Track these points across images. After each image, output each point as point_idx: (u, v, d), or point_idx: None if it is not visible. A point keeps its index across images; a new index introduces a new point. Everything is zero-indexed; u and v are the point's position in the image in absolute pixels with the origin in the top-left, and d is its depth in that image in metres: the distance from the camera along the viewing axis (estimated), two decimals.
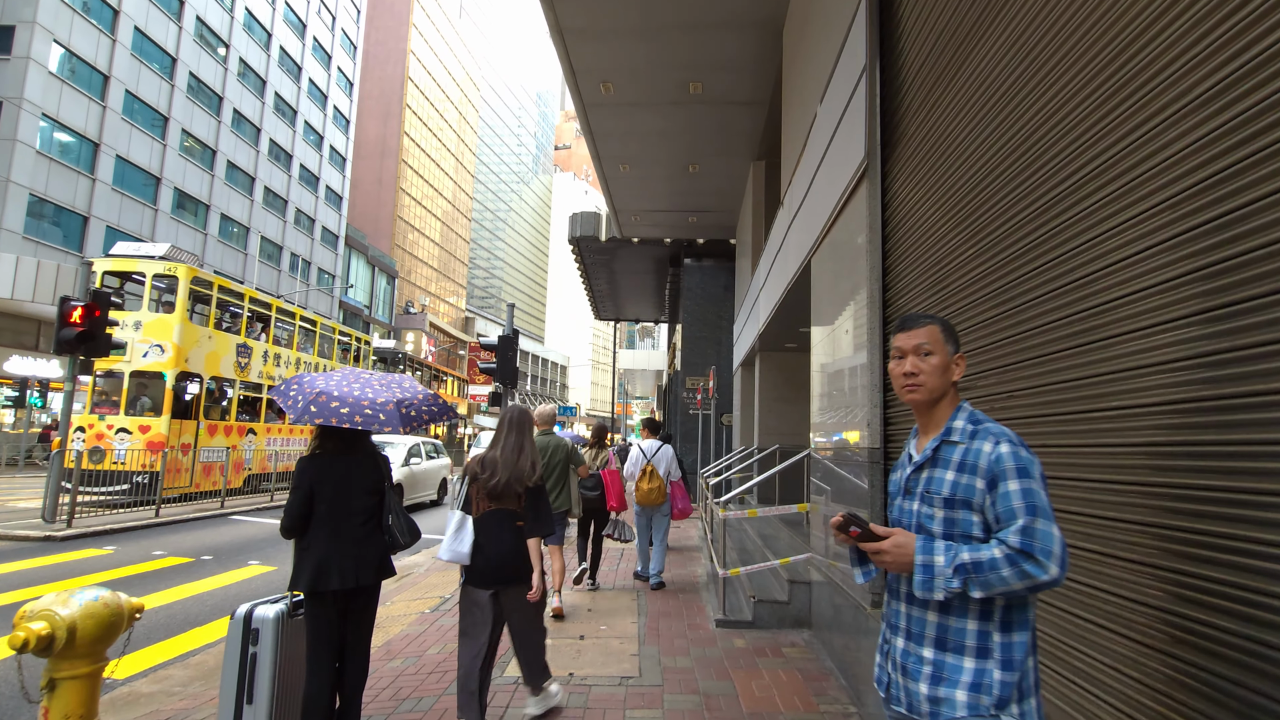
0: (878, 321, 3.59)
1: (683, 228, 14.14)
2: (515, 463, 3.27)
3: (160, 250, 13.13)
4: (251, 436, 15.35)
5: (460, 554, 3.22)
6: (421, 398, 3.36)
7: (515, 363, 10.03)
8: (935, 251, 3.15)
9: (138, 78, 28.39)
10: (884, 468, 3.49)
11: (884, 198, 3.68)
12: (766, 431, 10.07)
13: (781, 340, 9.40)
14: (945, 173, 3.04)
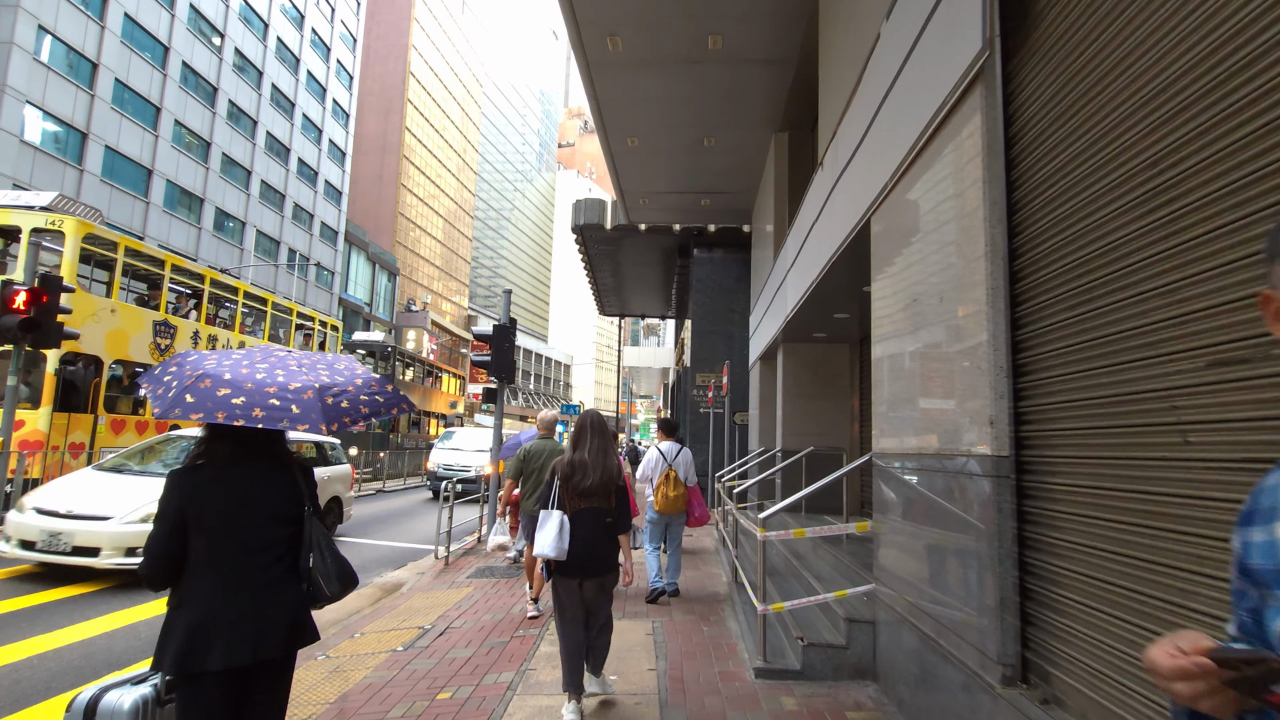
0: (1001, 279, 2.57)
1: (694, 212, 13.12)
2: (604, 464, 3.56)
3: (44, 199, 10.55)
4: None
5: (563, 550, 3.39)
6: (360, 383, 2.36)
7: (512, 355, 9.04)
8: (1101, 178, 2.14)
9: (128, 66, 27.50)
10: (1015, 485, 2.47)
11: (1006, 108, 2.65)
12: (791, 431, 9.06)
13: (810, 329, 8.38)
14: (1125, 53, 2.02)
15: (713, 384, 15.27)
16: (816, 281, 6.32)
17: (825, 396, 9.06)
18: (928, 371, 3.17)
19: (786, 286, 8.05)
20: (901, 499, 3.61)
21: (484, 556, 8.44)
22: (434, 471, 16.09)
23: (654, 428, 51.86)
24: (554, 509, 3.51)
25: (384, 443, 22.03)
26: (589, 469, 3.55)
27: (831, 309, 7.18)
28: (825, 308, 7.16)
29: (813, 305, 7.07)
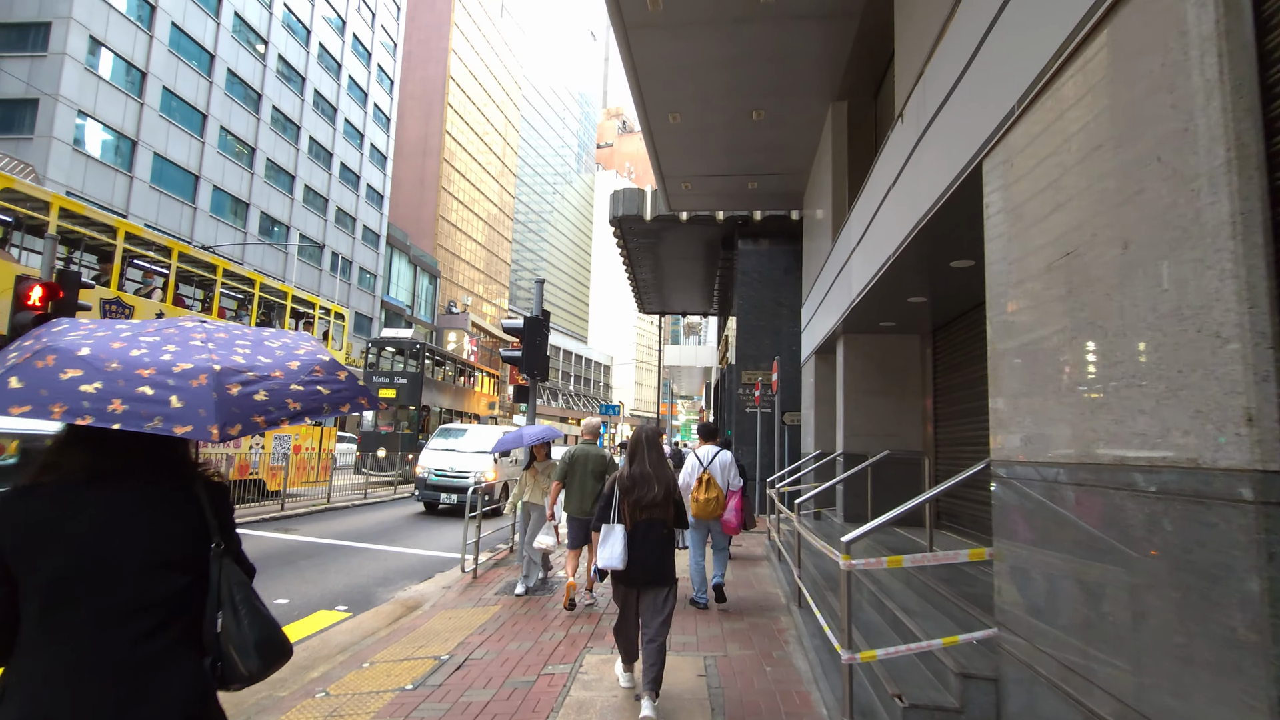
0: (1258, 200, 1.67)
1: (740, 197, 12.21)
2: (666, 476, 3.72)
3: None
4: None
5: (625, 560, 3.56)
6: (295, 368, 1.61)
7: (545, 350, 8.33)
8: None
9: (175, 74, 28.03)
10: None
11: None
12: (853, 432, 8.10)
13: (876, 318, 7.43)
14: None
15: (760, 382, 14.34)
16: (891, 259, 5.40)
17: (892, 393, 8.08)
18: (1106, 349, 2.27)
19: (850, 270, 7.12)
20: (1046, 523, 2.71)
21: (515, 569, 7.75)
22: (422, 479, 13.20)
23: (695, 429, 50.84)
24: (615, 523, 3.66)
25: (413, 444, 21.31)
26: (651, 482, 3.71)
27: (906, 291, 6.23)
28: (899, 291, 6.21)
29: (883, 289, 6.13)
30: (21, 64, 23.21)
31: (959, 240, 4.70)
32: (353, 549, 9.32)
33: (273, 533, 10.28)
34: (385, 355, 22.97)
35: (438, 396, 23.24)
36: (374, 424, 22.39)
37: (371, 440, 21.44)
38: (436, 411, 23.13)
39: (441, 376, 25.19)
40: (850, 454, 8.05)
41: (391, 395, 21.40)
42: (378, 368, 22.48)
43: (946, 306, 6.73)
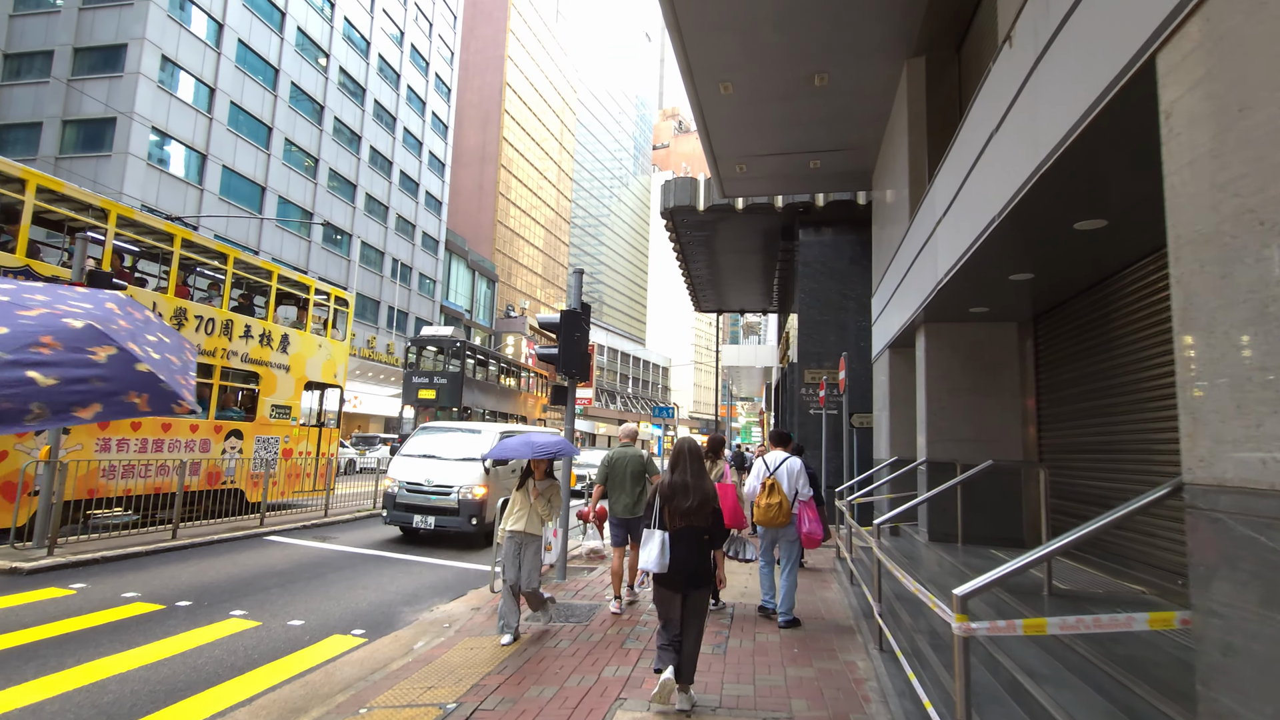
0: None
1: (800, 179, 11.14)
2: (704, 487, 3.95)
3: None
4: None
5: (664, 565, 3.81)
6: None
7: (585, 346, 7.57)
8: None
9: (242, 89, 28.97)
10: None
11: None
12: (938, 436, 6.98)
13: (966, 302, 6.32)
14: None
15: (825, 381, 13.21)
16: (991, 226, 4.35)
17: (984, 391, 6.92)
18: None
19: (934, 247, 6.04)
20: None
21: (553, 587, 7.00)
22: (392, 494, 9.86)
23: (755, 431, 49.27)
24: (656, 528, 3.89)
25: None
26: (690, 491, 3.92)
27: (1008, 266, 5.13)
28: (998, 267, 5.12)
29: (977, 266, 5.06)
30: (100, 85, 24.37)
31: (1093, 189, 3.63)
32: (389, 560, 8.81)
33: (309, 540, 9.92)
34: (426, 354, 22.28)
35: (481, 398, 22.41)
36: (413, 427, 21.91)
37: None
38: (479, 414, 22.42)
39: (485, 377, 24.19)
40: (936, 462, 6.93)
41: (431, 396, 20.51)
42: (418, 367, 21.80)
43: (1057, 285, 5.58)
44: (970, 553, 6.23)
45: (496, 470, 9.88)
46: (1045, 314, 6.51)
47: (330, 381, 14.28)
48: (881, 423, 9.54)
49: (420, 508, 9.64)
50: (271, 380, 12.41)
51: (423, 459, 10.24)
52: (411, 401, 20.92)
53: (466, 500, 9.52)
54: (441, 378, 21.10)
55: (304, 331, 13.62)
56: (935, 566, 5.95)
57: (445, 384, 20.83)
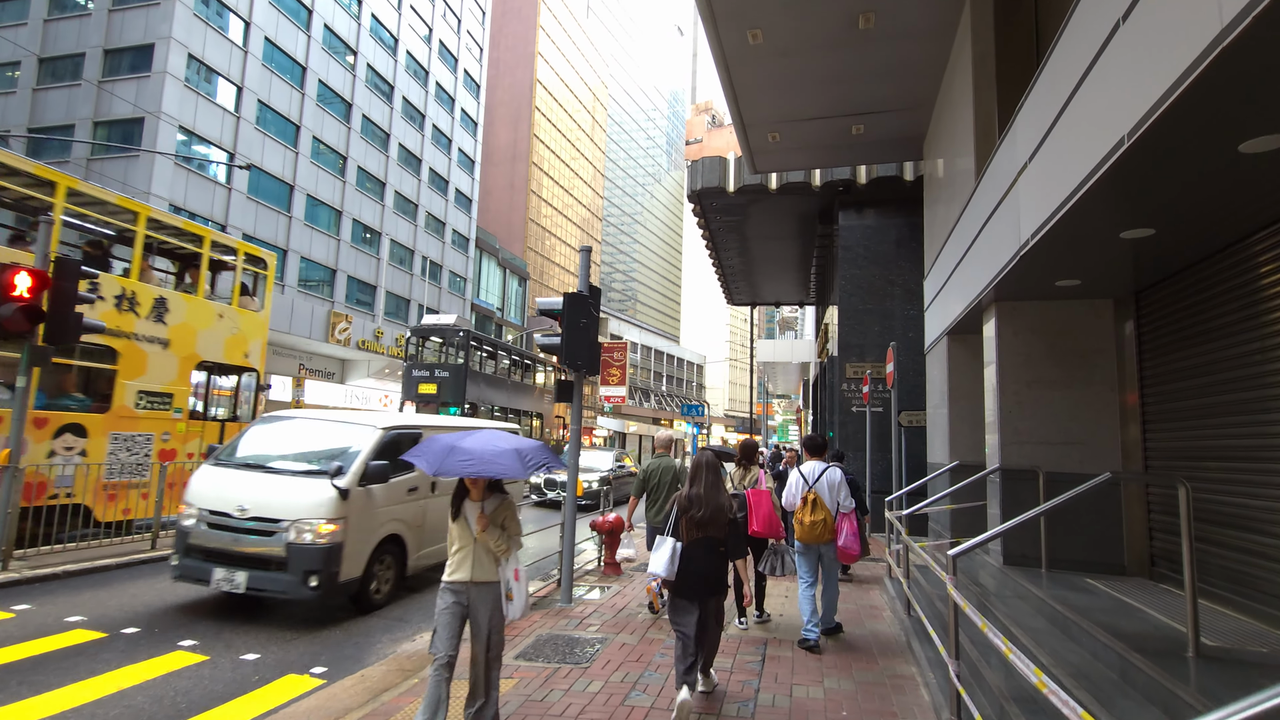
0: None
1: (841, 149, 9.96)
2: (717, 499, 4.02)
3: None
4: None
5: (672, 571, 3.89)
6: None
7: (594, 334, 6.59)
8: None
9: (269, 87, 28.87)
10: None
11: None
12: (1015, 437, 5.79)
13: (1054, 274, 5.13)
14: None
15: (869, 376, 12.01)
16: (1110, 162, 3.21)
17: (1072, 383, 5.70)
18: None
19: (1016, 203, 4.87)
20: None
21: (557, 614, 6.05)
22: (184, 530, 5.97)
23: (792, 430, 47.74)
24: (669, 536, 4.00)
25: None
26: (704, 503, 4.02)
27: (1122, 220, 3.95)
28: (1109, 220, 3.95)
29: (1080, 221, 3.91)
30: (129, 85, 24.41)
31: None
32: None
33: None
34: (428, 346, 20.56)
35: (489, 393, 20.71)
36: None
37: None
38: (486, 411, 20.73)
39: (495, 370, 22.21)
40: (1013, 469, 5.74)
41: (431, 391, 18.70)
42: (419, 359, 20.02)
43: (1180, 244, 4.36)
44: (1062, 583, 5.04)
45: (369, 492, 6.10)
46: (1151, 288, 5.27)
47: (238, 363, 10.99)
48: (938, 422, 8.33)
49: (224, 554, 5.73)
50: (137, 358, 9.14)
51: (245, 471, 6.17)
52: (411, 397, 19.19)
53: (301, 545, 5.58)
54: (443, 370, 19.27)
55: (194, 296, 10.32)
56: (1021, 604, 4.79)
57: (447, 377, 19.00)
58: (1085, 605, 4.30)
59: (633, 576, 7.93)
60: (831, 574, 5.48)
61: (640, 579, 7.83)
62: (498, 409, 21.45)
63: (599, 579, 7.69)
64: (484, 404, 20.32)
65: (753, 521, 5.30)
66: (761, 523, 5.32)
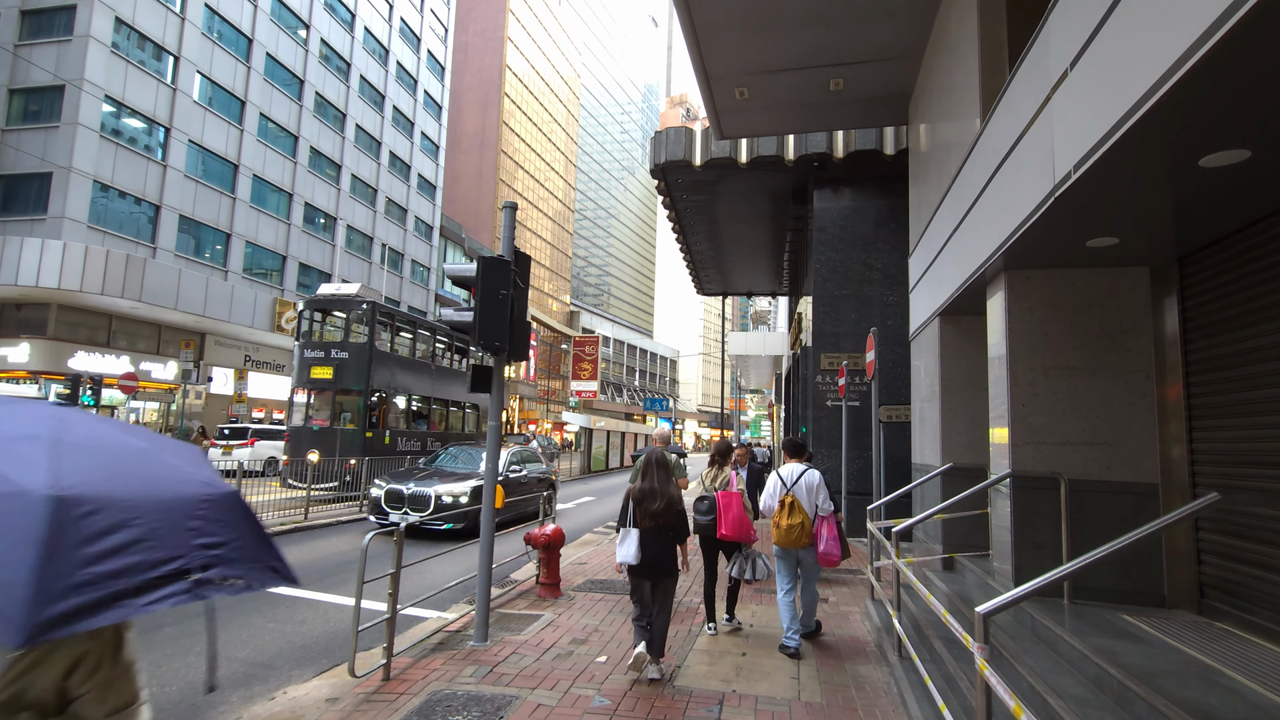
0: None
1: (817, 108, 8.83)
2: (668, 492, 4.56)
3: None
4: None
5: (638, 557, 4.42)
6: None
7: (523, 311, 5.37)
8: None
9: (210, 59, 26.90)
10: None
11: None
12: (1030, 437, 4.72)
13: (1085, 232, 4.06)
14: None
15: (845, 367, 10.96)
16: (1216, 37, 2.10)
17: (1102, 371, 4.64)
18: None
19: (1049, 128, 3.77)
20: None
21: (466, 657, 4.83)
22: None
23: (764, 425, 47.02)
24: (631, 527, 4.50)
25: (358, 445, 14.81)
26: (655, 495, 4.53)
27: (1211, 134, 2.85)
28: (1189, 139, 2.85)
29: (1145, 141, 2.81)
30: (48, 51, 22.37)
31: None
32: (268, 596, 6.68)
33: None
34: (331, 321, 16.94)
35: (403, 378, 17.26)
36: (305, 417, 15.75)
37: (302, 439, 15.03)
38: (401, 401, 17.45)
39: (413, 352, 18.61)
40: (1027, 475, 4.67)
41: (327, 376, 15.38)
42: (313, 338, 16.28)
43: (1260, 191, 3.29)
44: (1095, 622, 3.97)
45: None
46: (1200, 253, 4.23)
47: None
48: (926, 418, 7.27)
49: None
50: None
51: None
52: (302, 383, 15.65)
53: None
54: (342, 351, 15.64)
55: None
56: (1049, 656, 3.70)
57: (347, 359, 15.49)
58: (1142, 664, 3.22)
59: (573, 598, 6.75)
60: (810, 578, 5.35)
61: (583, 600, 6.66)
62: (418, 399, 18.45)
63: (532, 603, 6.49)
64: (398, 392, 17.11)
65: (721, 524, 5.26)
66: (730, 526, 5.23)
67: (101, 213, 22.71)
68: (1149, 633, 3.73)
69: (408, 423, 17.67)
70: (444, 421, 19.86)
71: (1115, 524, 4.50)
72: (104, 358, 22.65)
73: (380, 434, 15.71)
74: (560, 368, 67.81)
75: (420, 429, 18.15)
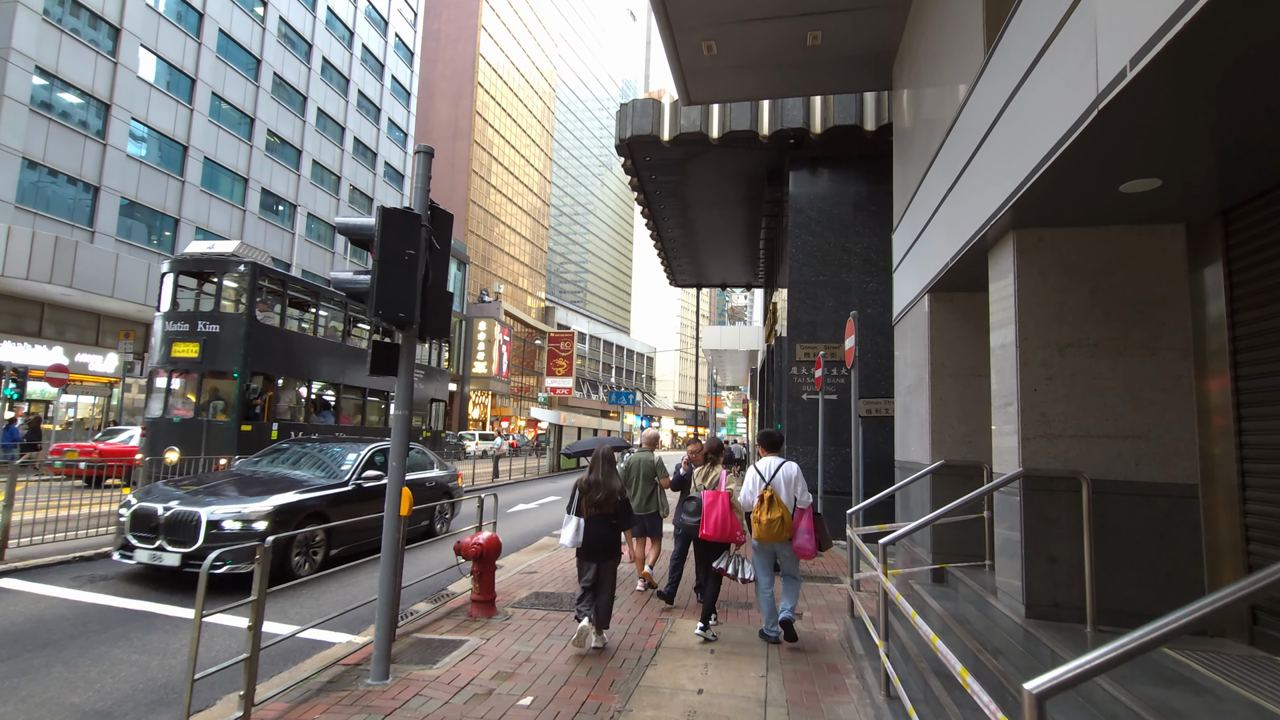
0: None
1: (793, 68, 7.98)
2: (610, 483, 4.94)
3: None
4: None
5: (578, 542, 4.88)
6: None
7: (442, 279, 4.44)
8: None
9: (156, 33, 25.34)
10: None
11: None
12: (1044, 428, 3.91)
13: (1118, 171, 3.24)
14: None
15: (822, 358, 10.15)
16: None
17: (1130, 349, 3.85)
18: None
19: (1090, 17, 2.95)
20: None
21: (355, 704, 3.89)
22: None
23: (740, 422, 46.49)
24: (574, 514, 4.91)
25: (232, 440, 12.00)
26: (600, 487, 4.91)
27: None
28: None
29: (1227, 18, 1.99)
30: None
31: None
32: (139, 617, 5.65)
33: (45, 586, 6.72)
34: (207, 289, 13.58)
35: (300, 361, 14.14)
36: (164, 406, 12.58)
37: (159, 434, 12.24)
38: (298, 386, 14.25)
39: (312, 328, 15.10)
40: (1037, 474, 3.87)
41: (191, 354, 12.26)
42: (178, 309, 13.06)
43: None
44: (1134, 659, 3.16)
45: None
46: (1251, 202, 3.45)
47: None
48: (912, 410, 6.48)
49: None
50: None
51: None
52: (163, 364, 12.65)
53: None
54: (212, 323, 12.45)
55: None
56: (1085, 710, 2.87)
57: (217, 333, 12.32)
58: (1157, 696, 2.41)
59: (510, 617, 5.84)
60: (790, 572, 5.26)
61: (520, 620, 5.75)
62: (323, 386, 15.23)
63: (459, 624, 5.55)
64: (293, 376, 14.01)
65: (704, 525, 5.25)
66: (712, 527, 5.21)
67: (31, 192, 21.14)
68: (1206, 676, 2.94)
69: (306, 415, 14.52)
70: (359, 414, 16.71)
71: (1146, 533, 3.72)
72: (34, 348, 21.11)
73: (264, 428, 12.82)
74: (535, 364, 66.58)
75: (325, 422, 15.07)
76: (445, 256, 4.70)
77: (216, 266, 12.94)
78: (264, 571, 3.61)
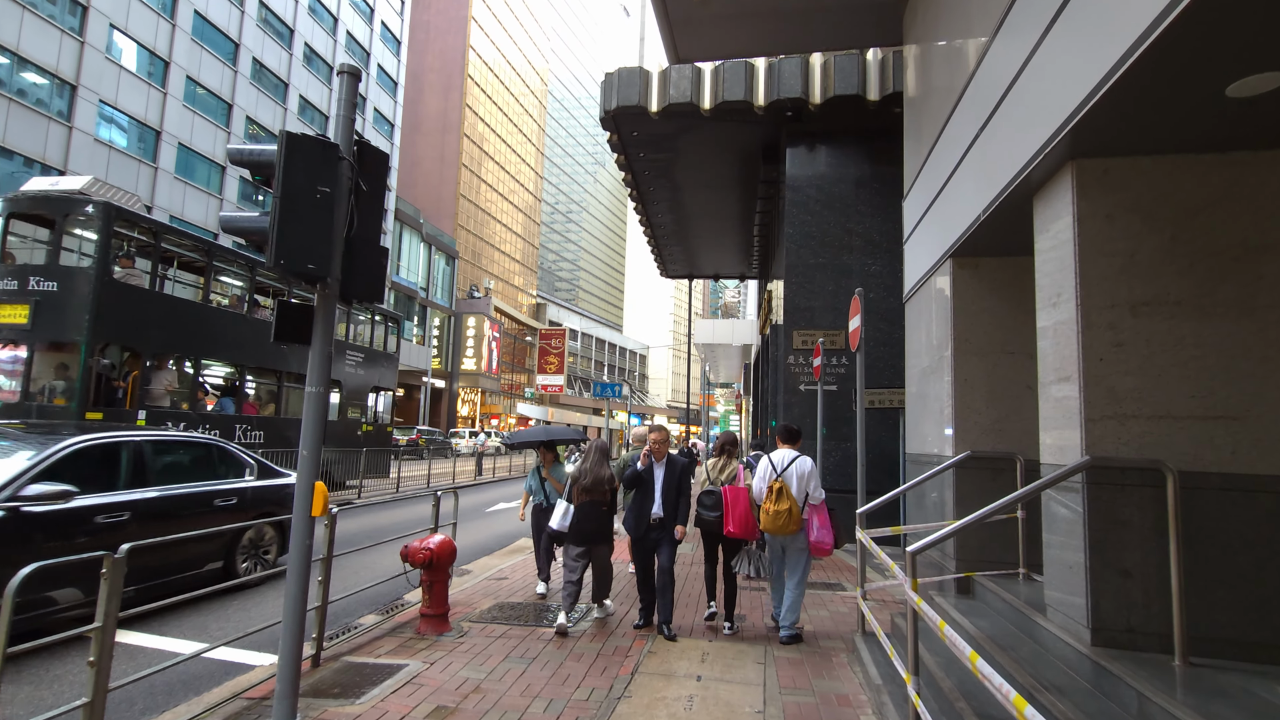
0: None
1: (793, 18, 7.15)
2: (599, 472, 5.26)
3: None
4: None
5: (565, 526, 5.29)
6: None
7: (373, 233, 3.64)
8: None
9: (127, 13, 24.32)
10: None
11: None
12: (1111, 408, 3.12)
13: (1217, 75, 2.44)
14: None
15: (821, 345, 9.37)
16: None
17: (1222, 308, 3.07)
18: None
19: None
20: None
21: None
22: None
23: (733, 420, 45.69)
24: (565, 500, 5.41)
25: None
26: (590, 475, 5.24)
27: None
28: None
29: None
30: None
31: None
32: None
33: None
34: (49, 239, 10.15)
35: (185, 333, 11.31)
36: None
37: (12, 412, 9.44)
38: (182, 366, 11.48)
39: (207, 295, 12.06)
40: (1108, 464, 3.08)
41: (21, 318, 9.32)
42: (9, 262, 9.96)
43: None
44: (1242, 705, 2.39)
45: None
46: None
47: None
48: (930, 395, 5.69)
49: None
50: None
51: None
52: None
53: None
54: (47, 279, 9.46)
55: None
56: None
57: (54, 291, 9.40)
58: None
59: (465, 633, 5.02)
60: (795, 570, 5.08)
61: (476, 636, 4.94)
62: (219, 365, 12.53)
63: (402, 643, 4.72)
64: (173, 352, 11.24)
65: (728, 522, 5.13)
66: (737, 523, 5.11)
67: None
68: None
69: (194, 401, 11.60)
70: (275, 402, 13.63)
71: (1244, 538, 2.94)
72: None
73: (126, 416, 10.10)
74: (526, 361, 65.66)
75: (223, 411, 12.19)
76: (378, 205, 3.88)
77: (56, 207, 9.87)
78: None
